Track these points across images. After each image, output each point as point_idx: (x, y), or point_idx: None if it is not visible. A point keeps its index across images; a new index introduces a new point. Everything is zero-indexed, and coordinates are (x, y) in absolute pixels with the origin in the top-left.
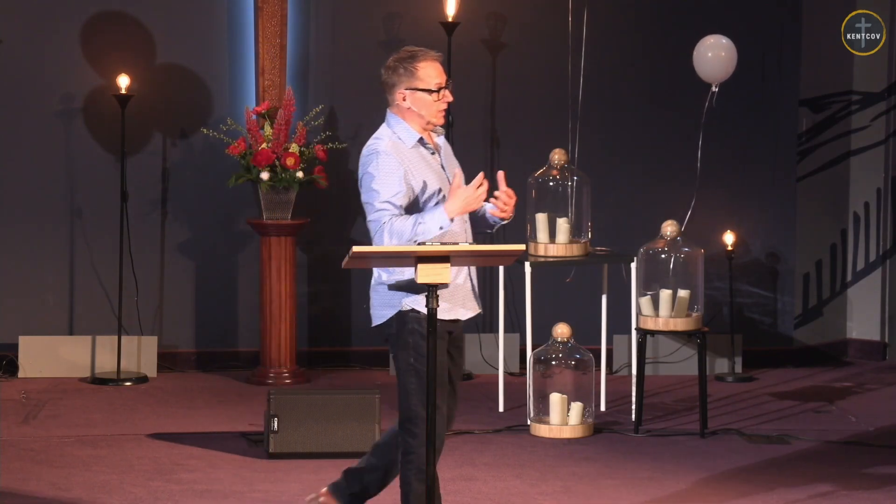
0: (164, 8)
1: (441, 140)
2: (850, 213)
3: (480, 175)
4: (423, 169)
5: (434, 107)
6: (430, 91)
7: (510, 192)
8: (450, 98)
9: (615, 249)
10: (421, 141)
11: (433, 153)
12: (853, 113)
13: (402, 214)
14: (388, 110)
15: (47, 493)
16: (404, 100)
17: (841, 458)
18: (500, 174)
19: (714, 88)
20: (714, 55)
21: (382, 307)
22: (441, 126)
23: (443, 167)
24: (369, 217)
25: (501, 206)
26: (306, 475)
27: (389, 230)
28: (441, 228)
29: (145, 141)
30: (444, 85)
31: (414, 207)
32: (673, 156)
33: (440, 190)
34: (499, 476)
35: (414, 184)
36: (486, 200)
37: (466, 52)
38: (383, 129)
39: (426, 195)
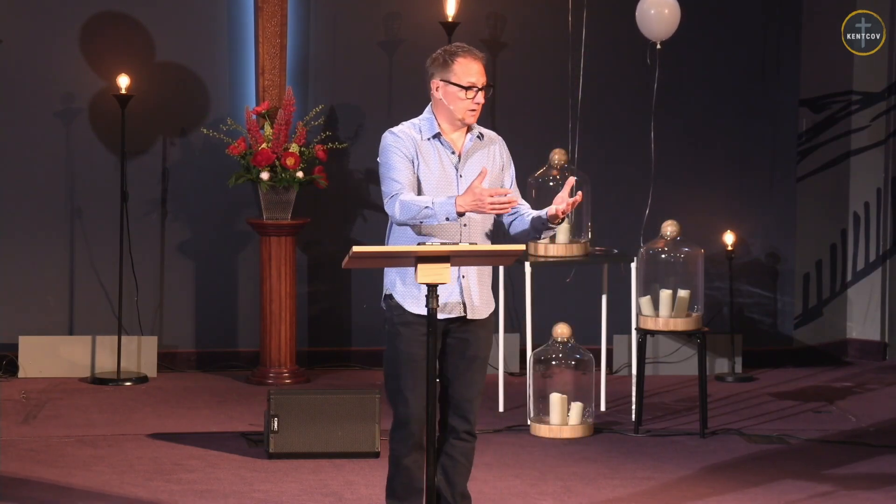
0: (164, 8)
1: (471, 142)
2: (850, 213)
3: (503, 190)
4: (432, 164)
5: (462, 104)
6: (460, 87)
7: (573, 200)
8: (481, 100)
9: (615, 249)
10: (438, 136)
11: (452, 152)
12: (853, 113)
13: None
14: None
15: (47, 493)
16: (437, 90)
17: (841, 458)
18: (571, 180)
19: (657, 46)
20: (657, 12)
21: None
22: (474, 126)
23: (457, 169)
24: (382, 189)
25: (560, 211)
26: (306, 475)
27: (401, 201)
28: (447, 219)
29: (145, 141)
30: (477, 85)
31: None
32: (673, 155)
33: (440, 191)
34: (499, 476)
35: (419, 174)
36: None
37: None
38: (413, 119)
39: (422, 191)
